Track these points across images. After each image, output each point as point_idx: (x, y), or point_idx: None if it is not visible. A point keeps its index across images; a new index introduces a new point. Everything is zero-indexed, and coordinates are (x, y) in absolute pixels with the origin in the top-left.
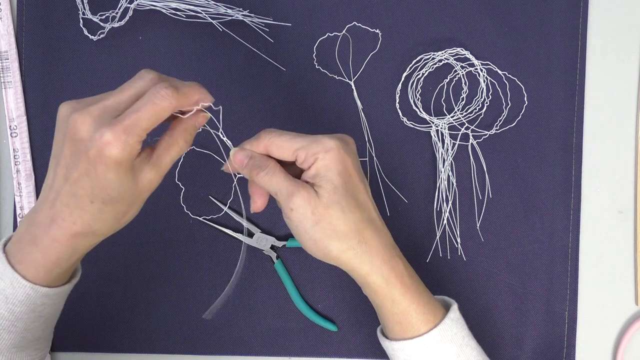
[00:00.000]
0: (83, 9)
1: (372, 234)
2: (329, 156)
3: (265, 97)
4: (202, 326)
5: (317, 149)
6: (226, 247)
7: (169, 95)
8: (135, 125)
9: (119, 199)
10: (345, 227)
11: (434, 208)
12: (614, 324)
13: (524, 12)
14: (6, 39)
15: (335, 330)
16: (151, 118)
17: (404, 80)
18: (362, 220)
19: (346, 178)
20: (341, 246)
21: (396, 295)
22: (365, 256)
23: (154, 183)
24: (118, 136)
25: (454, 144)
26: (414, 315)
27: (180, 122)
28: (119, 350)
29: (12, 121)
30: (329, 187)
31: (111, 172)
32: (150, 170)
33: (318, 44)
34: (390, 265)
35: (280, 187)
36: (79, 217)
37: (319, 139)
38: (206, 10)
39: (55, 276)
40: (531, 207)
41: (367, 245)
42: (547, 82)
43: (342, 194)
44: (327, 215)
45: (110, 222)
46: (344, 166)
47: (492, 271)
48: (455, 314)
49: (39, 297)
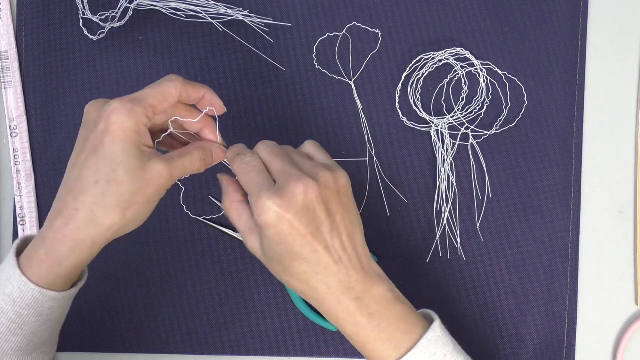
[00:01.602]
0: (83, 9)
1: (317, 284)
2: (263, 219)
3: (265, 97)
4: (202, 326)
5: (256, 207)
6: (226, 247)
7: (176, 78)
8: (141, 99)
9: (123, 179)
10: (289, 279)
11: (434, 208)
12: (614, 324)
13: (524, 12)
14: (6, 39)
15: (335, 330)
16: (157, 95)
17: (404, 80)
18: (305, 271)
19: (283, 237)
20: (295, 289)
21: (349, 334)
22: (314, 300)
23: (162, 178)
24: (124, 104)
25: (454, 144)
26: (375, 350)
27: (197, 142)
28: (119, 350)
29: (12, 121)
30: (266, 243)
31: (116, 143)
32: (159, 162)
33: (318, 44)
34: (339, 309)
35: (235, 224)
36: (81, 202)
37: (262, 194)
38: (206, 10)
39: (59, 277)
40: (531, 207)
41: (315, 292)
42: (547, 82)
43: (278, 251)
44: (272, 264)
45: (114, 211)
46: (280, 226)
47: (492, 271)
48: (435, 332)
49: (47, 301)
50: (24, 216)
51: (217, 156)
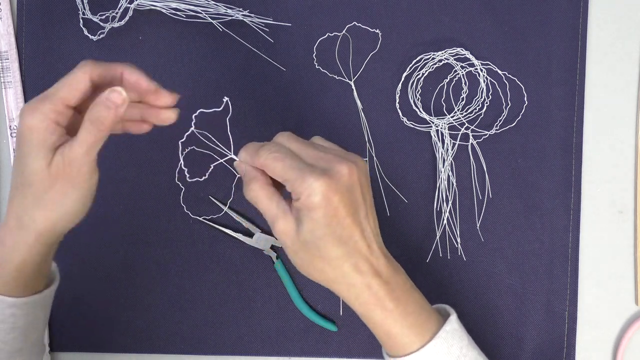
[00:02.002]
0: (83, 9)
1: (350, 269)
2: (312, 200)
3: (265, 97)
4: (202, 326)
5: (302, 189)
6: (226, 247)
7: (84, 63)
8: (49, 94)
9: (32, 180)
10: (321, 263)
11: (434, 208)
12: (614, 324)
13: (524, 12)
14: (6, 39)
15: (335, 330)
16: (64, 87)
17: (404, 80)
18: (340, 256)
19: (328, 219)
20: (319, 277)
21: (377, 320)
22: (343, 286)
23: (64, 168)
24: (32, 104)
25: (454, 144)
26: (400, 335)
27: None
28: (119, 350)
29: (12, 121)
30: (309, 226)
31: (25, 145)
32: (59, 153)
33: (318, 44)
34: (369, 293)
35: (264, 209)
36: (12, 204)
37: (307, 176)
38: (206, 10)
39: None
40: (531, 207)
41: (345, 278)
42: (547, 82)
43: (320, 235)
44: (304, 249)
45: (36, 212)
46: (327, 208)
47: (492, 271)
48: (452, 325)
49: (7, 307)
50: None
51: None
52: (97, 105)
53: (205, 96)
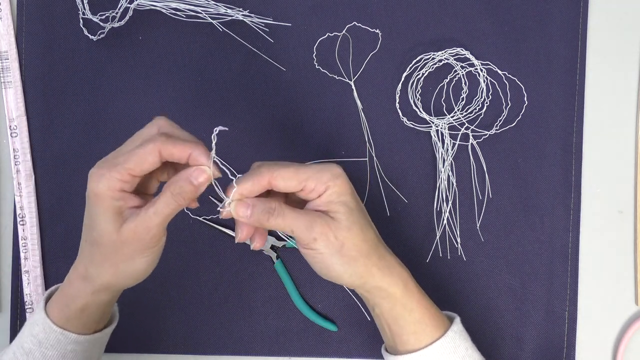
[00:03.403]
0: (83, 9)
1: (384, 249)
2: (339, 182)
3: (265, 97)
4: (202, 326)
5: (327, 177)
6: (226, 247)
7: (155, 139)
8: (118, 164)
9: (101, 242)
10: (366, 246)
11: (434, 208)
12: (614, 324)
13: (524, 12)
14: (6, 39)
15: (335, 330)
16: (134, 159)
17: (404, 80)
18: (375, 237)
19: (356, 200)
20: (367, 264)
21: (414, 304)
22: (385, 270)
23: (136, 235)
24: (100, 170)
25: (454, 144)
26: (427, 324)
27: (170, 181)
28: (119, 350)
29: (12, 121)
30: (346, 210)
31: (93, 207)
32: (132, 220)
33: (318, 44)
34: (403, 276)
35: (296, 223)
36: (81, 258)
37: (324, 167)
38: (206, 10)
39: (71, 317)
40: (531, 207)
41: (384, 259)
42: (547, 82)
43: (358, 215)
44: (350, 237)
45: (102, 269)
46: (352, 190)
47: (492, 271)
48: (459, 326)
49: (69, 343)
50: (24, 216)
51: (199, 180)
52: (182, 180)
53: (205, 96)
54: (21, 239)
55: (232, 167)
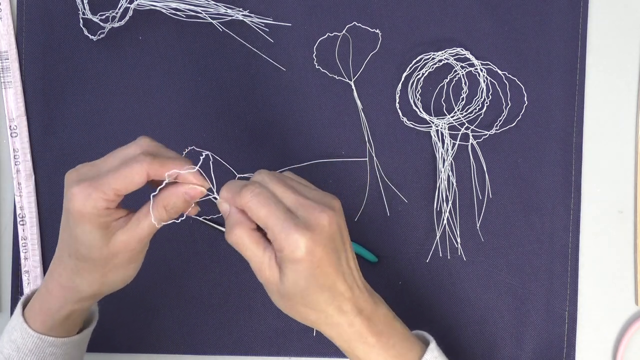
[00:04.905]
0: (83, 9)
1: (333, 311)
2: (296, 255)
3: (265, 97)
4: (201, 326)
5: (286, 243)
6: (226, 247)
7: (142, 159)
8: (102, 183)
9: (90, 257)
10: (304, 308)
11: (434, 208)
12: (614, 324)
13: (524, 12)
14: (6, 39)
15: None
16: (119, 178)
17: (404, 80)
18: (323, 302)
19: (312, 270)
20: (303, 319)
21: (360, 355)
22: (326, 326)
23: (130, 245)
24: (83, 189)
25: (454, 144)
26: None
27: (158, 194)
28: (119, 350)
29: (12, 121)
30: (293, 277)
31: (79, 226)
32: (122, 233)
33: (318, 44)
34: (351, 331)
35: (250, 256)
36: (63, 269)
37: (291, 231)
38: (206, 10)
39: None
40: (531, 207)
41: (328, 319)
42: (547, 82)
43: (304, 286)
44: (287, 297)
45: (90, 280)
46: (311, 261)
47: (492, 271)
48: (432, 353)
49: (47, 347)
50: (24, 216)
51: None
52: (175, 195)
53: (205, 96)
54: (21, 239)
55: (232, 167)
